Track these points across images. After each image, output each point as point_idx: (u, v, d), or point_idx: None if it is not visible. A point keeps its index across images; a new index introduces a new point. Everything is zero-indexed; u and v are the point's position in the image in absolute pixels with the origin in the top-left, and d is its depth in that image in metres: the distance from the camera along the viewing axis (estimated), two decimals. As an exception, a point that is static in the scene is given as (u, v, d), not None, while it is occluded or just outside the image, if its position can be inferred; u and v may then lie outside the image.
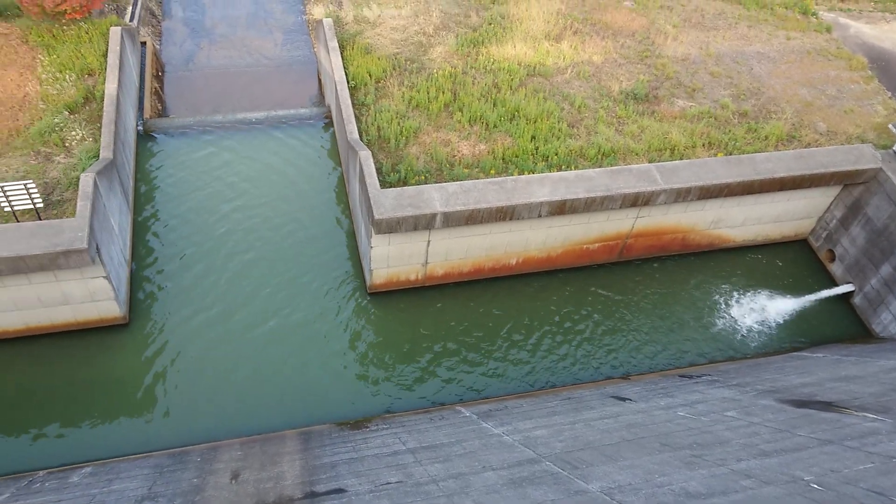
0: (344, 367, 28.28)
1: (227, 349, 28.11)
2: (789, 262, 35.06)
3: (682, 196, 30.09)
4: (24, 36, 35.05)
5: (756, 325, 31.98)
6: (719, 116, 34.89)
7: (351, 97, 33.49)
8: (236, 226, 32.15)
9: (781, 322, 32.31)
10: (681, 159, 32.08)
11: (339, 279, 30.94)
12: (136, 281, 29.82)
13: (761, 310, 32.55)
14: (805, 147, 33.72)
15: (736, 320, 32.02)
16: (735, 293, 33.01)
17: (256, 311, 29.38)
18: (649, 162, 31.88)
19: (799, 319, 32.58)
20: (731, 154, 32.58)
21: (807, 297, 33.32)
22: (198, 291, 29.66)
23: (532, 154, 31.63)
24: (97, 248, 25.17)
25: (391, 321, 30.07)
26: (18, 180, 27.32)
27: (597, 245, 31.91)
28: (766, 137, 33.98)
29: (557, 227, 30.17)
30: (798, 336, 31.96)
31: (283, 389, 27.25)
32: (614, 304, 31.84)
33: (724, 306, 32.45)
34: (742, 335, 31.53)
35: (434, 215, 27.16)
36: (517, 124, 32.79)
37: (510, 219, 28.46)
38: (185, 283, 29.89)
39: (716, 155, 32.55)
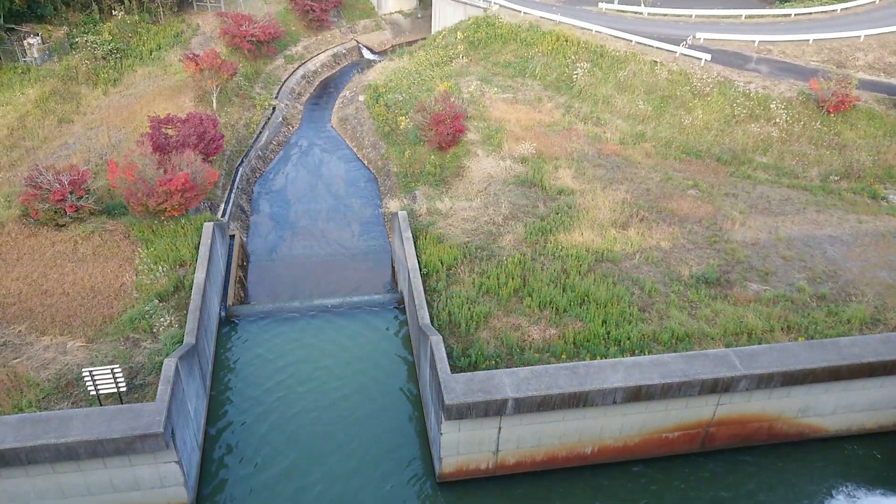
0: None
1: (291, 541, 27.03)
2: (889, 454, 32.30)
3: (764, 382, 28.80)
4: (127, 231, 38.29)
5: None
6: (796, 300, 34.15)
7: (423, 283, 34.54)
8: (307, 412, 32.20)
9: (890, 524, 29.15)
10: (759, 344, 31.11)
11: (408, 466, 30.07)
12: (205, 465, 29.73)
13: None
14: (892, 331, 32.30)
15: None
16: (832, 494, 30.25)
17: (324, 499, 28.53)
18: (726, 346, 31.01)
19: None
20: (812, 338, 31.45)
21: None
22: (264, 478, 29.24)
23: (603, 339, 31.32)
24: (172, 433, 25.52)
25: (461, 514, 28.62)
26: (106, 365, 28.55)
27: (676, 433, 30.36)
28: (849, 321, 32.83)
29: (633, 414, 29.05)
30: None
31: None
32: None
33: (822, 505, 29.65)
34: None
35: (505, 401, 26.68)
36: (587, 309, 32.85)
37: (583, 405, 27.64)
38: (254, 471, 29.59)
39: (796, 339, 31.47)
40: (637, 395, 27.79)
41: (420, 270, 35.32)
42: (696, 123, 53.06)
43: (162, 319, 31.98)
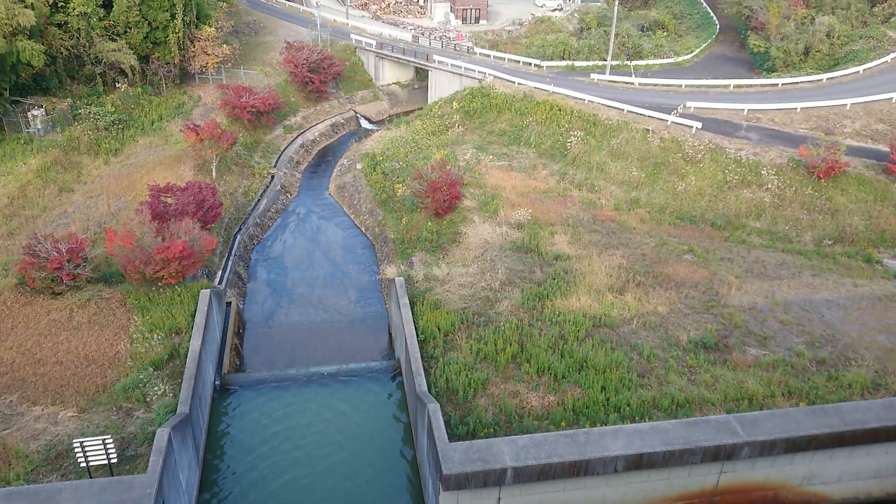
0: None
1: None
2: (900, 524, 31.57)
3: (767, 449, 28.34)
4: (124, 299, 38.21)
5: None
6: (796, 364, 33.94)
7: (420, 350, 34.31)
8: (302, 480, 31.48)
9: None
10: (760, 409, 30.75)
11: (405, 541, 29.25)
12: (197, 541, 28.89)
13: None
14: (894, 395, 32.00)
15: None
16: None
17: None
18: (727, 413, 30.65)
19: None
20: (813, 403, 31.12)
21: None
22: (258, 553, 28.36)
23: (603, 405, 30.95)
24: (163, 506, 24.89)
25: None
26: (98, 435, 28.04)
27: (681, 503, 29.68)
28: (850, 385, 32.56)
29: (636, 482, 28.45)
30: None
31: None
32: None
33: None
34: None
35: (504, 470, 26.16)
36: (586, 375, 32.58)
37: (584, 474, 27.11)
38: (247, 543, 28.73)
39: (798, 404, 31.14)
40: (639, 463, 27.28)
41: (417, 337, 35.15)
42: (689, 189, 53.79)
43: (156, 388, 31.59)
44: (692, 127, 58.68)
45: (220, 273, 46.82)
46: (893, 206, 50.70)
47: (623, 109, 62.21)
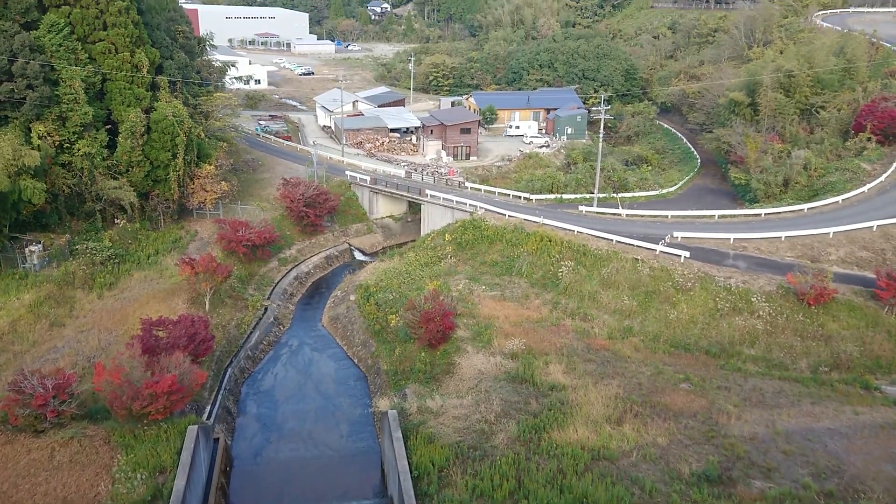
0: None
1: None
2: None
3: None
4: (108, 437, 37.11)
5: None
6: (803, 498, 32.74)
7: (414, 487, 33.06)
8: None
9: None
10: (771, 547, 29.35)
11: None
12: None
13: None
14: (908, 530, 30.72)
15: None
16: None
17: None
18: (736, 551, 29.22)
19: None
20: (826, 540, 29.77)
21: None
22: None
23: (606, 545, 29.52)
24: None
25: None
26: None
27: None
28: (861, 520, 31.31)
29: None
30: None
31: None
32: None
33: None
34: None
35: None
36: (587, 512, 31.28)
37: None
38: None
39: (809, 541, 29.78)
40: None
41: (410, 473, 33.98)
42: (681, 317, 53.97)
43: (136, 532, 30.08)
44: (680, 256, 59.71)
45: (208, 408, 45.80)
46: (886, 332, 50.83)
47: (612, 240, 63.51)
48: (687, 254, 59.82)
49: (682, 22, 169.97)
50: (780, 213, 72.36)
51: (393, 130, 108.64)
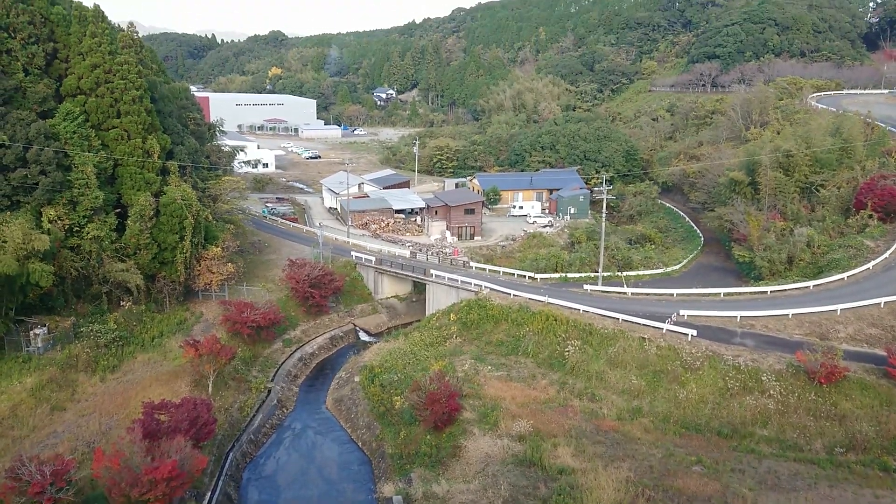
0: None
1: None
2: None
3: None
4: (105, 526, 36.06)
5: None
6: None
7: (419, 578, 31.78)
8: None
9: None
10: None
11: None
12: None
13: None
14: None
15: None
16: None
17: None
18: None
19: None
20: None
21: None
22: None
23: None
24: None
25: None
26: None
27: None
28: None
29: None
30: None
31: None
32: None
33: None
34: None
35: None
36: None
37: None
38: None
39: None
40: None
41: (416, 563, 32.75)
42: (690, 397, 53.08)
43: None
44: (687, 335, 59.25)
45: (209, 494, 44.65)
46: (901, 410, 49.79)
47: (618, 318, 63.20)
48: (694, 332, 59.38)
49: (679, 105, 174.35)
50: (785, 290, 72.16)
51: (398, 211, 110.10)
